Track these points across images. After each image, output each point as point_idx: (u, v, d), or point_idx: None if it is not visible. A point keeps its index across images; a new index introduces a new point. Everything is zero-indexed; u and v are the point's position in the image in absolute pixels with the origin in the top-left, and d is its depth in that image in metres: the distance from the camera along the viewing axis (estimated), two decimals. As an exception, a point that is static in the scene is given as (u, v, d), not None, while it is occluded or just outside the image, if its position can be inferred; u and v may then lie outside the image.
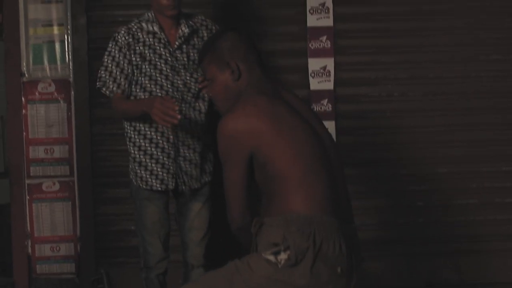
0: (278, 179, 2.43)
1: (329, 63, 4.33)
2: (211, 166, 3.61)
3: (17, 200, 4.32)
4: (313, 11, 4.31)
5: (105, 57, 3.48)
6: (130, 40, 3.44)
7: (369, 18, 4.37)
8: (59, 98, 4.30)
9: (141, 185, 3.49)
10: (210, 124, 3.46)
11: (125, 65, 3.44)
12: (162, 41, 3.46)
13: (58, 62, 4.29)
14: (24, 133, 4.30)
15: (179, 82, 3.46)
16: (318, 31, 4.32)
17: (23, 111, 4.30)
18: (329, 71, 4.32)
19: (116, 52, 3.45)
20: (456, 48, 4.42)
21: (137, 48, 3.44)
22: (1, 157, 5.51)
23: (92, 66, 4.29)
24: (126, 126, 3.52)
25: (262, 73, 2.62)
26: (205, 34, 3.53)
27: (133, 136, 3.49)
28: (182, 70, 3.47)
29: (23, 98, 4.29)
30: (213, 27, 3.57)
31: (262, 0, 4.33)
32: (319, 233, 2.37)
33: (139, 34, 3.45)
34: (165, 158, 3.47)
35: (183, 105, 3.45)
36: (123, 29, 3.49)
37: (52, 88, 4.30)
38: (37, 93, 4.30)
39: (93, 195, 4.33)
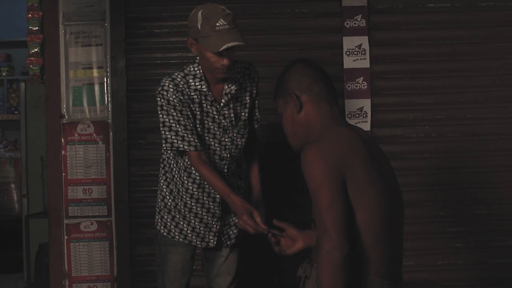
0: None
1: (366, 104, 4.32)
2: None
3: (55, 240, 4.35)
4: (349, 52, 4.32)
5: (164, 117, 3.25)
6: (181, 97, 3.23)
7: (405, 60, 4.37)
8: (98, 139, 4.35)
9: (178, 238, 3.43)
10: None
11: (186, 120, 3.24)
12: (209, 98, 3.28)
13: (97, 104, 4.34)
14: (63, 174, 4.34)
15: (226, 140, 3.34)
16: (355, 73, 4.32)
17: (63, 152, 4.35)
18: (366, 112, 4.31)
19: (172, 110, 3.23)
20: (493, 88, 4.39)
21: (188, 102, 3.26)
22: (40, 197, 5.58)
23: (130, 107, 4.34)
24: (170, 180, 3.44)
25: (331, 105, 2.50)
26: (249, 85, 3.40)
27: (180, 190, 3.40)
28: (230, 127, 3.34)
29: (62, 139, 4.34)
30: (256, 76, 3.42)
31: (298, 42, 4.36)
32: None
33: (186, 90, 3.25)
34: (209, 218, 3.41)
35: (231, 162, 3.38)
36: (170, 86, 3.24)
37: (91, 130, 4.35)
38: (76, 134, 4.35)
39: (130, 235, 4.34)
